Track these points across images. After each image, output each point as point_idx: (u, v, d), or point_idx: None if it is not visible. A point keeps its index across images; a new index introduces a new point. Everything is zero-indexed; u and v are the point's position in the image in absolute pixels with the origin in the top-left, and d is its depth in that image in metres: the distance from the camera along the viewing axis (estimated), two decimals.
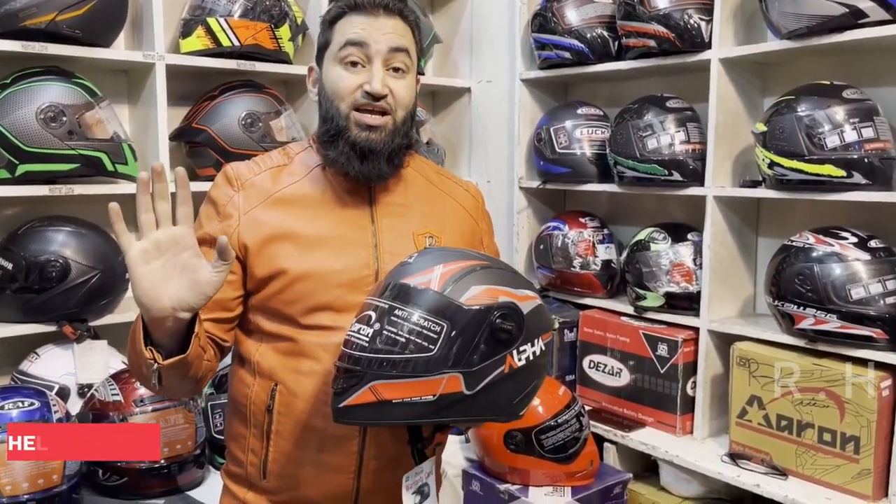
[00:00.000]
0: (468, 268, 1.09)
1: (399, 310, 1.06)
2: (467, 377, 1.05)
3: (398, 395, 1.04)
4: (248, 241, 1.24)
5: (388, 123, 1.24)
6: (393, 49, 1.23)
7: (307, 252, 1.24)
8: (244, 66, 2.37)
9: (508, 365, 1.08)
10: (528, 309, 1.10)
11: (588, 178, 2.54)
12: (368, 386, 1.04)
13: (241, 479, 1.32)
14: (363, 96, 1.22)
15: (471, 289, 1.07)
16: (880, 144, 1.86)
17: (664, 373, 2.28)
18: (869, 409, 1.84)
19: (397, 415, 1.05)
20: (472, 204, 1.43)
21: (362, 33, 1.22)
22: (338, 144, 1.25)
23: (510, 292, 1.09)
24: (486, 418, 1.15)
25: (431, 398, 1.04)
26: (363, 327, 1.07)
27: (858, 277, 1.85)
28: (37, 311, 2.02)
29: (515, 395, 1.12)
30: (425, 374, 1.03)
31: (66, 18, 2.00)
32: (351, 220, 1.28)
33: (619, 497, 2.13)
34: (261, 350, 1.27)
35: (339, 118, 1.24)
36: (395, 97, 1.24)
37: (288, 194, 1.28)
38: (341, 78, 1.24)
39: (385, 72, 1.23)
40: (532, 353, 1.11)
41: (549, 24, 2.56)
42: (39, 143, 1.95)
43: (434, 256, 1.12)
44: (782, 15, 1.95)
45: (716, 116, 2.17)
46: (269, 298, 1.25)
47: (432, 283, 1.07)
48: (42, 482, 1.72)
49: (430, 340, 1.04)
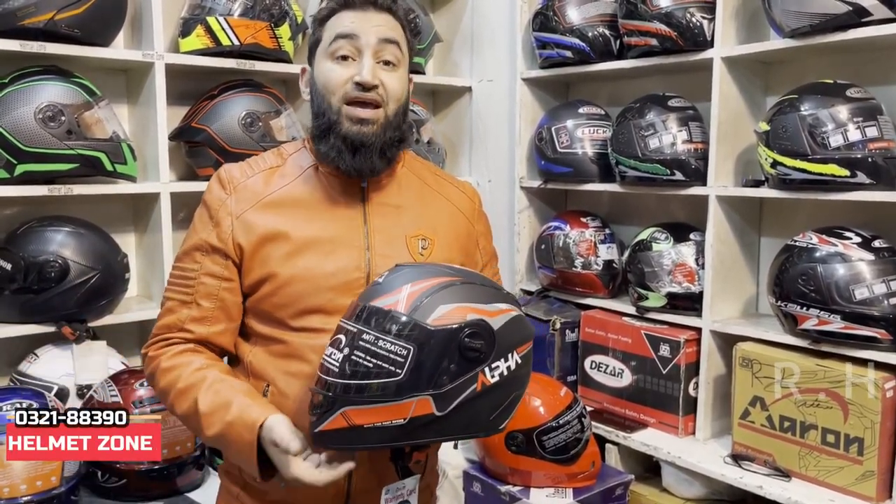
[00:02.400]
0: (437, 285, 1.07)
1: (366, 333, 1.04)
2: (437, 399, 1.03)
3: (369, 420, 1.03)
4: (242, 244, 1.24)
5: (379, 117, 1.23)
6: (383, 40, 1.23)
7: (298, 255, 1.23)
8: (244, 65, 2.36)
9: (481, 383, 1.05)
10: (499, 324, 1.07)
11: (589, 178, 2.53)
12: (340, 412, 1.03)
13: (235, 478, 1.32)
14: (354, 88, 1.21)
15: (438, 308, 1.04)
16: (884, 144, 1.84)
17: (666, 373, 2.27)
18: (873, 410, 1.83)
19: (370, 439, 1.04)
20: (467, 205, 1.41)
21: (352, 26, 1.22)
22: (329, 139, 1.24)
23: (480, 308, 1.07)
24: (462, 436, 1.13)
25: (402, 422, 1.03)
26: (334, 352, 1.07)
27: (862, 278, 1.84)
28: (36, 311, 2.01)
29: (492, 410, 1.09)
30: (394, 398, 1.02)
31: (65, 17, 1.99)
32: (343, 222, 1.27)
33: (621, 498, 2.12)
34: (254, 351, 1.27)
35: (330, 112, 1.24)
36: (386, 89, 1.23)
37: (279, 197, 1.27)
38: (332, 71, 1.23)
39: (376, 64, 1.23)
40: (506, 369, 1.08)
41: (550, 23, 2.55)
42: (38, 143, 1.95)
43: (404, 275, 1.10)
44: (785, 13, 1.94)
45: (718, 115, 2.16)
46: (260, 301, 1.25)
47: (399, 304, 1.05)
48: (40, 484, 1.71)
49: (397, 364, 1.02)
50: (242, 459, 1.15)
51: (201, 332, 1.25)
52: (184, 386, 1.19)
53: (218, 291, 1.25)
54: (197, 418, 1.17)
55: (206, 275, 1.24)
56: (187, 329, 1.25)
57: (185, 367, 1.21)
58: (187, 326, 1.25)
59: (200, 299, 1.25)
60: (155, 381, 1.25)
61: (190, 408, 1.18)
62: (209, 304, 1.25)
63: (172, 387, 1.21)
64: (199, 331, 1.25)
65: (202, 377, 1.20)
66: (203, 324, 1.25)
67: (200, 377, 1.20)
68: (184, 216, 2.38)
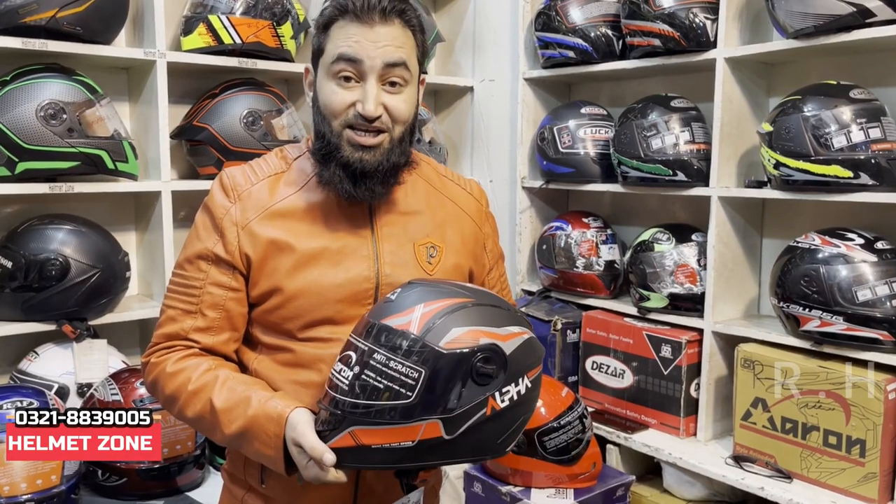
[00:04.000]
0: (450, 307, 1.06)
1: (377, 353, 1.03)
2: (447, 423, 1.02)
3: (377, 441, 1.03)
4: (250, 254, 1.21)
5: (383, 142, 1.19)
6: (388, 65, 1.16)
7: (305, 267, 1.21)
8: (246, 63, 2.35)
9: (491, 407, 1.05)
10: (512, 348, 1.07)
11: (591, 178, 2.53)
12: (348, 431, 1.03)
13: (240, 481, 1.31)
14: (356, 116, 1.16)
15: (451, 331, 1.03)
16: (888, 145, 1.84)
17: (668, 374, 2.26)
18: (875, 411, 1.82)
19: (377, 459, 1.04)
20: (474, 207, 1.38)
21: (356, 47, 1.15)
22: (330, 165, 1.19)
23: (493, 332, 1.06)
24: (469, 460, 1.12)
25: (410, 444, 1.02)
26: (344, 369, 1.06)
27: (865, 279, 1.83)
28: (36, 309, 2.01)
29: (500, 435, 1.08)
30: (403, 420, 1.02)
31: (67, 15, 1.99)
32: (350, 231, 1.24)
33: (622, 499, 2.12)
34: (259, 359, 1.26)
35: (331, 136, 1.19)
36: (391, 114, 1.18)
37: (285, 207, 1.23)
38: (334, 94, 1.18)
39: (380, 88, 1.17)
40: (516, 393, 1.07)
41: (552, 23, 2.54)
42: (39, 141, 1.94)
43: (417, 294, 1.09)
44: (789, 14, 1.93)
45: (721, 116, 2.15)
46: (267, 313, 1.23)
47: (412, 324, 1.04)
48: (41, 483, 1.71)
49: (408, 387, 1.01)
50: (266, 455, 1.12)
51: (206, 342, 1.22)
52: (195, 387, 1.17)
53: (224, 302, 1.22)
54: (214, 417, 1.15)
55: (212, 284, 1.22)
56: (192, 339, 1.22)
57: (193, 369, 1.19)
58: (192, 336, 1.22)
59: (206, 309, 1.22)
60: (159, 387, 1.22)
61: (204, 408, 1.16)
62: (215, 315, 1.22)
63: (182, 390, 1.18)
64: (204, 341, 1.22)
65: (214, 377, 1.18)
66: (208, 334, 1.22)
67: (212, 377, 1.18)
68: (185, 215, 2.37)
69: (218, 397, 1.15)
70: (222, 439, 1.17)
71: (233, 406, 1.14)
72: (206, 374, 1.18)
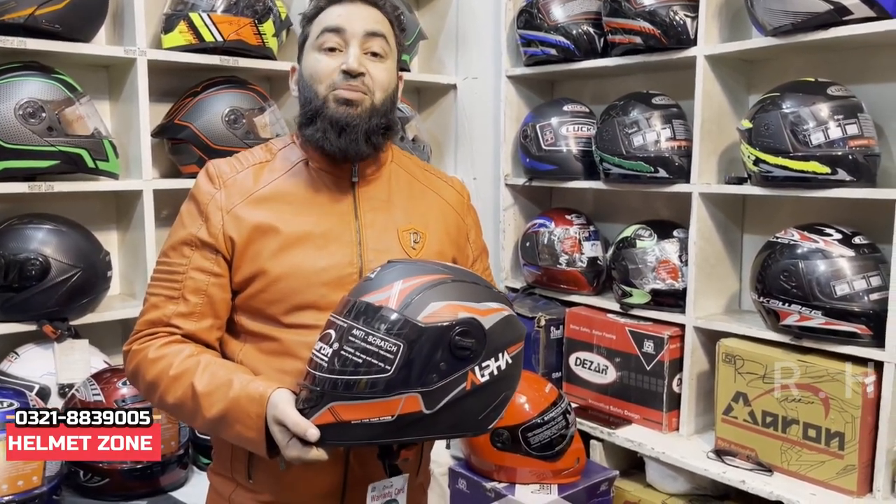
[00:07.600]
0: (429, 282, 1.07)
1: (357, 329, 1.04)
2: (426, 396, 1.03)
3: (356, 416, 1.03)
4: (234, 237, 1.23)
5: (365, 100, 1.23)
6: (369, 33, 1.24)
7: (289, 250, 1.22)
8: (227, 61, 2.34)
9: (470, 382, 1.05)
10: (491, 323, 1.07)
11: (574, 176, 2.54)
12: (328, 407, 1.03)
13: (226, 478, 1.31)
14: (340, 77, 1.22)
15: (429, 305, 1.04)
16: (864, 141, 1.86)
17: (650, 370, 2.28)
18: (853, 404, 1.85)
19: (357, 435, 1.04)
20: (457, 200, 1.42)
21: (339, 20, 1.24)
22: (315, 122, 1.24)
23: (472, 307, 1.07)
24: (450, 435, 1.13)
25: (390, 419, 1.03)
26: (324, 346, 1.07)
27: (843, 274, 1.86)
28: (16, 310, 1.99)
29: (480, 410, 1.09)
30: (382, 395, 1.02)
31: (46, 13, 1.97)
32: (334, 217, 1.26)
33: (606, 494, 2.13)
34: (244, 350, 1.26)
35: (316, 100, 1.24)
36: (372, 78, 1.24)
37: (269, 192, 1.26)
38: (319, 62, 1.24)
39: (363, 55, 1.24)
40: (496, 368, 1.08)
41: (534, 21, 2.55)
42: (18, 140, 1.92)
43: (396, 271, 1.10)
44: (767, 12, 1.95)
45: (701, 113, 2.17)
46: (251, 297, 1.24)
47: (390, 300, 1.05)
48: (21, 483, 1.70)
49: (387, 361, 1.02)
50: (248, 437, 1.12)
51: (188, 327, 1.23)
52: (176, 373, 1.17)
53: (206, 287, 1.23)
54: (195, 402, 1.15)
55: (194, 269, 1.23)
56: (174, 325, 1.22)
57: (175, 355, 1.19)
58: (174, 322, 1.22)
59: (188, 294, 1.22)
60: (140, 374, 1.22)
61: (185, 393, 1.16)
62: (197, 300, 1.23)
63: (164, 375, 1.18)
64: (186, 327, 1.22)
65: (196, 362, 1.18)
66: (190, 319, 1.23)
67: (194, 362, 1.18)
68: (167, 214, 2.36)
69: (199, 381, 1.15)
70: (203, 424, 1.17)
71: (214, 389, 1.14)
72: (188, 359, 1.18)
